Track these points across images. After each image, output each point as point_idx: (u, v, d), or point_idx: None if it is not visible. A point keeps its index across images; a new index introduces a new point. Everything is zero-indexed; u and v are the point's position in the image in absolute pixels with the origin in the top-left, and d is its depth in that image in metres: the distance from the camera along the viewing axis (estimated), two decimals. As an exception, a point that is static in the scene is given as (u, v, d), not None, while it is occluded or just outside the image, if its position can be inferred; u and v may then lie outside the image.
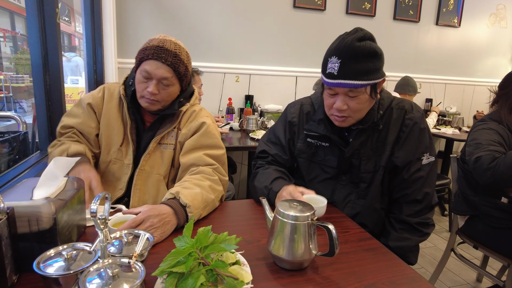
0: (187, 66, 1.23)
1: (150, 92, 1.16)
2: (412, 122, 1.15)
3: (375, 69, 1.04)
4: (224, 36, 3.06)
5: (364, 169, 1.19)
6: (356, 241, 0.98)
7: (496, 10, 4.08)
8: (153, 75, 1.16)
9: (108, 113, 1.27)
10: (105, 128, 1.27)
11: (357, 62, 1.01)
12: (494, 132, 1.59)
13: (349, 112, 1.09)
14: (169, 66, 1.16)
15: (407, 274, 0.83)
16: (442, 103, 4.02)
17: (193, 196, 1.02)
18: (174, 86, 1.21)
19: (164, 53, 1.16)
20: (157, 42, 1.18)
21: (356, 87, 1.03)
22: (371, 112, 1.15)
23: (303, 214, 0.78)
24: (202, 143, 1.25)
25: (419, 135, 1.16)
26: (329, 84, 1.07)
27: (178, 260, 0.66)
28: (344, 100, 1.07)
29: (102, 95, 1.29)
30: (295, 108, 1.32)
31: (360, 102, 1.07)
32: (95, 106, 1.27)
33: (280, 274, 0.79)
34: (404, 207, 1.18)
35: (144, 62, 1.17)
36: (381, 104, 1.17)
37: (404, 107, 1.18)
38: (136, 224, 0.88)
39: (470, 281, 2.23)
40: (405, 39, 3.73)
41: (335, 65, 1.03)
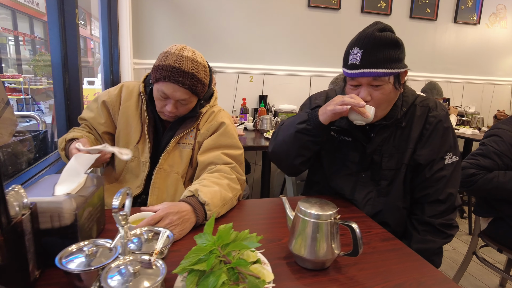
0: (204, 83, 1.20)
1: (169, 112, 1.17)
2: (436, 120, 1.12)
3: (398, 59, 1.04)
4: (238, 36, 3.06)
5: (386, 166, 1.16)
6: (379, 241, 0.95)
7: (496, 10, 3.97)
8: (171, 97, 1.15)
9: (127, 111, 1.27)
10: (123, 126, 1.27)
11: (380, 50, 1.01)
12: (502, 142, 1.55)
13: (373, 103, 1.07)
14: (186, 89, 1.13)
15: (435, 275, 0.79)
16: (457, 103, 3.92)
17: (212, 194, 1.01)
18: (192, 102, 1.22)
19: (181, 76, 1.10)
20: (173, 61, 1.10)
21: (379, 75, 1.02)
22: (394, 108, 1.12)
23: (325, 212, 0.76)
24: (221, 143, 1.25)
25: (443, 134, 1.12)
26: (351, 75, 1.06)
27: (199, 257, 0.64)
28: (368, 91, 1.06)
29: (119, 93, 1.29)
30: (321, 99, 1.29)
31: (384, 93, 1.05)
32: (110, 104, 1.27)
33: (302, 274, 0.77)
34: (426, 208, 1.14)
35: (161, 82, 1.13)
36: (405, 101, 1.14)
37: (428, 104, 1.15)
38: (155, 221, 0.88)
39: (493, 285, 2.15)
40: (422, 38, 3.65)
41: (357, 55, 1.03)
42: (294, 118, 1.20)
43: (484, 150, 1.57)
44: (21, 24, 8.43)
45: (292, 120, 1.20)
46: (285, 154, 1.21)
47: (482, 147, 1.60)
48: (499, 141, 1.55)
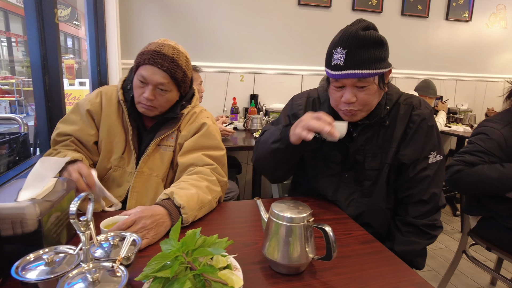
0: (185, 72, 1.20)
1: (146, 98, 1.14)
2: (420, 119, 1.10)
3: (382, 58, 1.01)
4: (228, 35, 3.03)
5: (369, 166, 1.13)
6: (359, 244, 0.92)
7: (496, 10, 3.96)
8: (149, 81, 1.13)
9: (109, 119, 1.23)
10: (105, 134, 1.23)
11: (364, 50, 0.98)
12: (490, 140, 1.53)
13: (358, 105, 1.04)
14: (165, 72, 1.13)
15: (413, 280, 0.77)
16: (450, 100, 3.91)
17: (188, 197, 0.98)
18: (171, 92, 1.19)
19: (160, 58, 1.12)
20: (155, 46, 1.15)
21: (365, 76, 0.99)
22: (378, 107, 1.10)
23: (298, 215, 0.74)
24: (202, 144, 1.22)
25: (427, 133, 1.10)
26: (336, 77, 1.02)
27: (163, 264, 0.62)
28: (353, 92, 1.03)
29: (100, 101, 1.24)
30: (302, 100, 1.27)
31: (369, 94, 1.03)
32: (94, 112, 1.23)
33: (275, 279, 0.75)
34: (410, 208, 1.12)
35: (141, 67, 1.14)
36: (389, 99, 1.12)
37: (412, 103, 1.13)
38: (127, 225, 0.85)
39: (484, 284, 2.14)
40: (414, 35, 3.64)
41: (340, 56, 0.99)
42: (269, 134, 1.18)
43: (471, 147, 1.55)
44: (14, 25, 8.36)
45: (267, 136, 1.17)
46: (265, 168, 1.23)
47: (469, 145, 1.58)
48: (485, 139, 1.53)
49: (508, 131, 1.53)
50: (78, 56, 2.88)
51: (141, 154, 1.23)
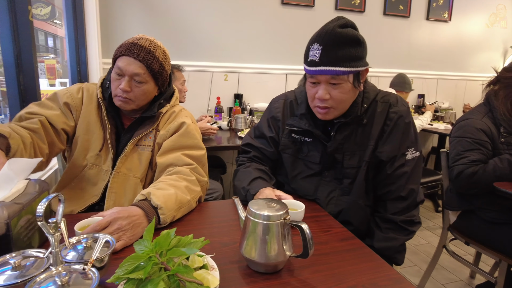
0: (162, 64, 1.19)
1: (122, 89, 1.12)
2: (396, 116, 1.11)
3: (358, 57, 1.01)
4: (211, 34, 3.01)
5: (347, 164, 1.14)
6: (338, 241, 0.93)
7: (496, 10, 4.05)
8: (124, 71, 1.13)
9: (88, 116, 1.21)
10: (83, 131, 1.20)
11: (339, 48, 0.98)
12: (477, 130, 1.56)
13: (331, 102, 1.05)
14: (141, 62, 1.13)
15: (390, 275, 0.78)
16: (432, 99, 4.00)
17: (166, 197, 0.97)
18: (147, 84, 1.17)
19: (136, 49, 1.13)
20: (132, 39, 1.17)
21: (338, 74, 0.99)
22: (354, 105, 1.11)
23: (275, 213, 0.73)
24: (181, 144, 1.21)
25: (404, 130, 1.11)
26: (310, 72, 1.04)
27: (137, 265, 0.61)
28: (327, 89, 1.04)
29: (81, 97, 1.22)
30: (279, 103, 1.28)
31: (343, 92, 1.03)
32: (73, 107, 1.20)
33: (253, 278, 0.74)
34: (388, 205, 1.14)
35: (118, 58, 1.15)
36: (366, 97, 1.13)
37: (389, 100, 1.14)
38: (102, 227, 0.83)
39: (464, 278, 2.19)
40: (396, 35, 3.70)
41: (316, 52, 1.00)
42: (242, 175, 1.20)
43: (466, 144, 1.56)
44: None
45: (240, 177, 1.21)
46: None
47: (463, 143, 1.58)
48: (474, 131, 1.56)
49: (487, 121, 1.58)
50: (60, 56, 2.79)
51: (119, 153, 1.22)
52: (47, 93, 4.20)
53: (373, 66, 1.15)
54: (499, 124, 1.58)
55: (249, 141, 1.32)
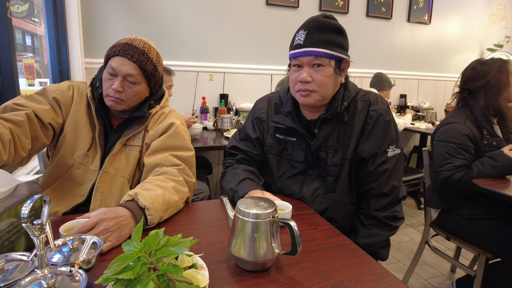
0: (156, 66, 1.20)
1: (115, 89, 1.12)
2: (376, 114, 1.14)
3: (340, 44, 1.08)
4: (196, 33, 3.00)
5: (331, 162, 1.16)
6: (324, 238, 0.94)
7: (496, 10, 4.15)
8: (118, 72, 1.12)
9: (77, 115, 1.19)
10: (72, 130, 1.18)
11: (322, 33, 1.05)
12: (462, 136, 1.62)
13: (313, 85, 1.08)
14: (135, 63, 1.13)
15: (375, 271, 0.80)
16: (413, 98, 4.09)
17: (153, 198, 0.96)
18: (140, 85, 1.17)
19: (131, 50, 1.13)
20: (126, 40, 1.16)
21: (320, 54, 1.05)
22: (334, 101, 1.14)
23: (264, 211, 0.74)
24: (170, 144, 1.20)
25: (384, 127, 1.14)
26: (295, 55, 1.09)
27: (125, 266, 0.60)
28: (309, 72, 1.08)
29: (72, 95, 1.21)
30: (263, 104, 1.30)
31: (324, 75, 1.07)
32: (63, 104, 1.18)
33: (242, 277, 0.75)
34: (371, 202, 1.16)
35: (111, 59, 1.15)
36: (346, 95, 1.16)
37: (369, 99, 1.17)
38: (88, 228, 0.82)
39: (445, 272, 2.26)
40: (379, 36, 3.77)
41: (301, 36, 1.07)
42: (230, 177, 1.21)
43: (451, 150, 1.61)
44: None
45: (227, 178, 1.22)
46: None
47: (447, 147, 1.63)
48: (458, 136, 1.61)
49: (470, 124, 1.63)
50: (39, 55, 2.69)
51: (106, 153, 1.20)
52: (26, 93, 4.08)
53: (356, 67, 1.19)
54: (482, 127, 1.64)
55: (234, 144, 1.33)
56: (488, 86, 1.63)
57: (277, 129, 1.24)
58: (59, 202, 1.16)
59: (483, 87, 1.65)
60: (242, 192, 1.10)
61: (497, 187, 1.44)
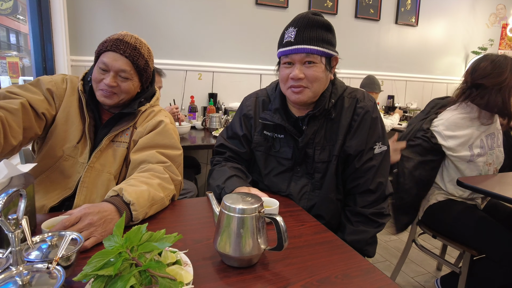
0: (147, 61, 1.21)
1: (108, 84, 1.11)
2: (363, 111, 1.14)
3: (330, 42, 1.08)
4: (184, 32, 2.97)
5: (318, 158, 1.16)
6: (311, 235, 0.94)
7: (496, 10, 4.19)
8: (110, 67, 1.12)
9: (69, 106, 1.19)
10: (63, 121, 1.17)
11: (312, 30, 1.05)
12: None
13: (306, 81, 1.08)
14: (127, 58, 1.13)
15: (361, 266, 0.80)
16: (401, 99, 4.15)
17: (138, 194, 0.94)
18: (132, 80, 1.17)
19: (123, 45, 1.14)
20: (117, 36, 1.17)
21: (312, 52, 1.04)
22: (322, 99, 1.14)
23: (250, 206, 0.73)
24: (157, 142, 1.19)
25: (371, 124, 1.15)
26: (286, 52, 1.08)
27: (106, 261, 0.58)
28: (301, 69, 1.07)
29: (65, 87, 1.20)
30: (251, 101, 1.30)
31: (317, 71, 1.07)
32: (57, 96, 1.17)
33: (227, 273, 0.74)
34: (358, 198, 1.16)
35: (103, 54, 1.14)
36: (334, 92, 1.16)
37: (356, 96, 1.17)
38: (72, 222, 0.80)
39: (431, 270, 2.28)
40: (367, 37, 3.80)
41: (291, 33, 1.06)
42: (217, 174, 1.20)
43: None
44: None
45: (215, 176, 1.21)
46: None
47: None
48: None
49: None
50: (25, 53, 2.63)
51: (95, 147, 1.19)
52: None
53: (344, 68, 1.20)
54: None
55: (222, 142, 1.32)
56: (504, 83, 1.60)
57: (265, 126, 1.23)
58: (45, 195, 1.14)
59: (498, 84, 1.58)
60: (229, 189, 1.09)
61: (481, 185, 1.46)
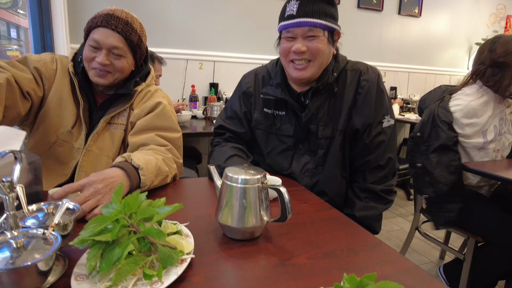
0: (140, 37, 1.15)
1: (100, 63, 1.06)
2: (368, 84, 1.11)
3: (332, 15, 1.05)
4: (185, 21, 2.94)
5: (321, 134, 1.14)
6: (315, 212, 0.92)
7: (496, 10, 4.17)
8: (102, 44, 1.06)
9: (61, 90, 1.13)
10: (55, 105, 1.12)
11: (316, 3, 1.02)
12: None
13: (309, 54, 1.05)
14: (119, 34, 1.07)
15: (368, 241, 0.77)
16: (403, 91, 4.11)
17: (146, 161, 0.94)
18: (126, 57, 1.12)
19: (114, 20, 1.07)
20: (107, 10, 1.10)
21: (315, 25, 1.01)
22: (325, 72, 1.11)
23: (252, 177, 0.71)
24: (156, 124, 1.15)
25: (377, 97, 1.11)
26: (287, 26, 1.05)
27: (103, 227, 0.56)
28: (302, 42, 1.04)
29: (55, 68, 1.14)
30: (250, 78, 1.26)
31: (320, 43, 1.04)
32: (46, 77, 1.11)
33: (229, 245, 0.72)
34: (367, 175, 1.14)
35: (93, 31, 1.07)
36: (336, 66, 1.13)
37: (359, 68, 1.14)
38: (74, 189, 0.77)
39: (434, 259, 2.27)
40: (370, 28, 3.76)
41: (293, 6, 1.03)
42: (217, 155, 1.18)
43: None
44: None
45: (215, 156, 1.19)
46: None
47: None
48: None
49: None
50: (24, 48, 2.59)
51: (91, 131, 1.15)
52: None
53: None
54: None
55: (221, 123, 1.29)
56: None
57: (265, 103, 1.21)
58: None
59: None
60: None
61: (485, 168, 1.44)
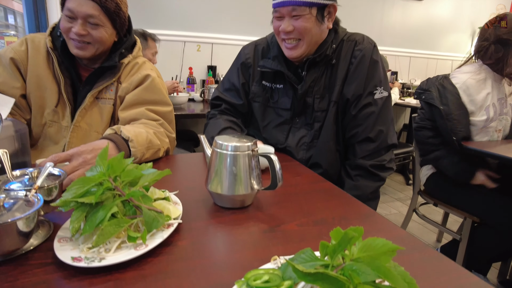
0: (118, 4, 1.08)
1: (76, 33, 1.01)
2: (361, 53, 1.09)
3: None
4: (184, 2, 2.88)
5: (318, 107, 1.12)
6: (308, 184, 0.90)
7: (496, 10, 4.11)
8: (76, 13, 1.00)
9: (36, 70, 1.09)
10: (34, 87, 1.09)
11: None
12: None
13: (296, 33, 1.03)
14: (93, 1, 1.01)
15: (360, 211, 0.76)
16: (404, 75, 4.07)
17: (136, 133, 0.92)
18: (105, 27, 1.07)
19: None
20: None
21: (298, 4, 1.00)
22: (323, 44, 1.09)
23: (243, 144, 0.69)
24: (146, 98, 1.13)
25: (369, 67, 1.09)
26: (274, 6, 1.05)
27: (87, 190, 0.55)
28: (289, 22, 1.03)
29: (25, 49, 1.09)
30: (250, 49, 1.24)
31: (305, 22, 1.02)
32: (19, 62, 1.07)
33: (219, 213, 0.70)
34: (357, 148, 1.12)
35: (67, 0, 1.01)
36: (336, 38, 1.11)
37: (355, 38, 1.12)
38: (62, 158, 0.75)
39: (431, 242, 2.27)
40: (371, 12, 3.70)
41: None
42: (211, 127, 1.17)
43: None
44: None
45: (209, 129, 1.19)
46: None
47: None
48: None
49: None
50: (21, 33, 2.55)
51: (77, 107, 1.12)
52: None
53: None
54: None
55: (218, 95, 1.27)
56: None
57: (263, 75, 1.19)
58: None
59: None
60: None
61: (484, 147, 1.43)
